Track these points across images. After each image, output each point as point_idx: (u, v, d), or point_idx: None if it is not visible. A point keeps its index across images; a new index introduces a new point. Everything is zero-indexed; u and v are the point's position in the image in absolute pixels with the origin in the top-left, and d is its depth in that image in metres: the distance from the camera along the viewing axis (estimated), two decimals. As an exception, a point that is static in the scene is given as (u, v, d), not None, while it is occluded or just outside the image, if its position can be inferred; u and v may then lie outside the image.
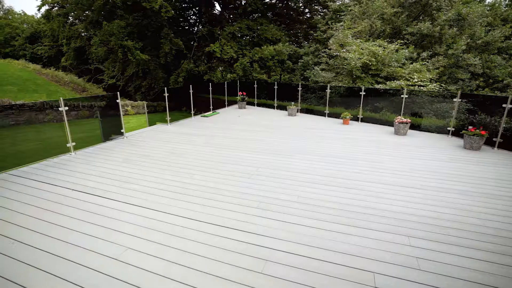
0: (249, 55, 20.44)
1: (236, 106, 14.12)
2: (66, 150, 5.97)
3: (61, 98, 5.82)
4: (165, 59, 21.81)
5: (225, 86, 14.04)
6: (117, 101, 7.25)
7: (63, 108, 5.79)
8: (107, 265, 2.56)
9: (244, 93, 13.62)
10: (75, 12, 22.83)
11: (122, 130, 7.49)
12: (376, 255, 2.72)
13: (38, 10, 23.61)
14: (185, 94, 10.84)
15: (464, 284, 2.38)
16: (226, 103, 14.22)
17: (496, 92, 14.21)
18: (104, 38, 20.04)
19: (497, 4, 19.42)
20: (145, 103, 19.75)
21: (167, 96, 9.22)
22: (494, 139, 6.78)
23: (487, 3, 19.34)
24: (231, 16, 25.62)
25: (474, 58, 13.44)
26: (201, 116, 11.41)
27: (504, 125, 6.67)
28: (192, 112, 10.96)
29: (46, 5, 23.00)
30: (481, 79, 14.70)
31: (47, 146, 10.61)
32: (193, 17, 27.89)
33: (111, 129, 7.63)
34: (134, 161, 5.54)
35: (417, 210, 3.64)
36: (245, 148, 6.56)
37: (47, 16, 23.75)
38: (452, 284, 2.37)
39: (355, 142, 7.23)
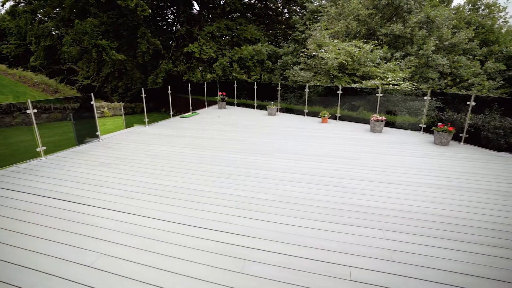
0: (228, 55, 20.36)
1: (216, 106, 14.03)
2: (36, 155, 5.67)
3: (29, 100, 5.52)
4: (142, 59, 21.26)
5: (205, 86, 13.91)
6: (91, 102, 6.98)
7: (31, 111, 5.49)
8: (80, 274, 2.47)
9: (224, 93, 13.56)
10: (44, 9, 21.69)
11: (97, 133, 7.22)
12: (352, 250, 2.81)
13: (2, 5, 22.17)
14: (164, 94, 10.63)
15: (433, 272, 2.51)
16: (206, 103, 14.09)
17: (462, 90, 15.06)
18: (76, 37, 19.21)
19: (461, 9, 20.62)
20: (122, 104, 19.14)
21: (145, 97, 9.00)
22: (460, 134, 7.18)
23: (452, 7, 20.46)
24: (210, 15, 25.39)
25: (442, 58, 14.18)
26: (181, 117, 11.23)
27: (469, 122, 7.08)
28: (171, 113, 10.77)
29: (11, 0, 21.66)
30: (449, 78, 15.52)
31: (14, 151, 10.02)
32: (171, 16, 27.38)
33: (86, 131, 7.34)
34: (110, 165, 5.36)
35: (392, 205, 3.79)
36: (225, 148, 6.54)
37: (12, 12, 22.35)
38: (421, 273, 2.49)
39: (333, 140, 7.41)
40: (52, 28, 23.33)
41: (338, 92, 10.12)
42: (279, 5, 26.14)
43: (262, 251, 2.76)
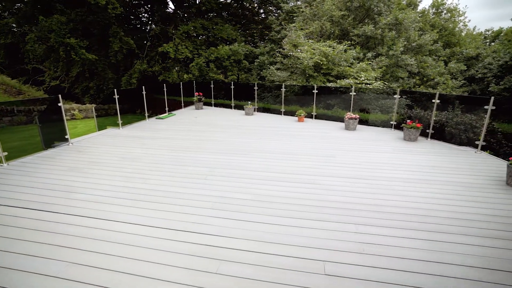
0: (204, 55, 20.12)
1: (193, 107, 13.83)
2: (-3, 161, 5.30)
3: (-13, 103, 5.13)
4: (115, 59, 20.47)
5: (181, 86, 13.67)
6: (59, 104, 6.63)
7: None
8: (47, 285, 2.34)
9: (201, 94, 13.40)
10: (3, 4, 20.26)
11: (66, 136, 6.88)
12: (326, 245, 2.89)
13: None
14: (139, 95, 10.31)
15: (401, 261, 2.64)
16: (182, 104, 13.85)
17: (429, 89, 15.94)
18: (42, 35, 18.12)
19: (426, 12, 21.82)
20: (93, 106, 18.34)
21: (118, 98, 8.69)
22: (427, 130, 7.60)
23: (418, 10, 21.58)
24: (186, 15, 24.96)
25: (411, 58, 14.91)
26: (156, 118, 10.96)
27: (434, 118, 7.51)
28: (146, 114, 10.47)
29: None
30: (417, 78, 16.36)
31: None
32: (145, 15, 26.60)
33: (54, 135, 6.96)
34: (81, 169, 5.13)
35: (364, 199, 3.94)
36: (201, 149, 6.48)
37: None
38: (391, 263, 2.61)
39: (309, 139, 7.56)
40: (14, 25, 21.85)
41: (313, 91, 10.33)
42: (255, 5, 26.23)
43: (237, 251, 2.77)
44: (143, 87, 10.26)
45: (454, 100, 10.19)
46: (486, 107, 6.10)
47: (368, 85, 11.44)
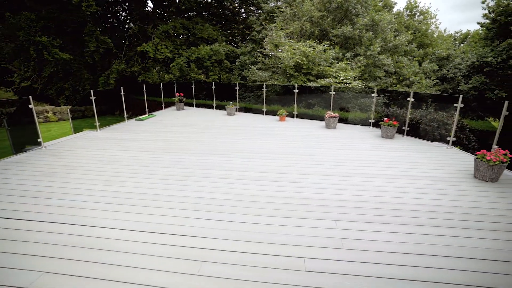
0: (185, 55, 19.84)
1: (174, 107, 13.62)
2: (-38, 168, 4.99)
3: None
4: (91, 58, 19.74)
5: (161, 87, 13.41)
6: (30, 106, 6.32)
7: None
8: (17, 295, 2.24)
9: (182, 94, 13.22)
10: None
11: (39, 140, 6.57)
12: (306, 242, 2.95)
13: None
14: (118, 96, 10.02)
15: (378, 254, 2.74)
16: (163, 105, 13.59)
17: (405, 88, 16.58)
18: (9, 33, 17.16)
19: (401, 14, 22.68)
20: (69, 108, 17.61)
21: (95, 99, 8.41)
22: (403, 128, 7.90)
23: (394, 12, 22.39)
24: (165, 14, 24.50)
25: (387, 58, 15.44)
26: (136, 120, 10.70)
27: (409, 116, 7.82)
28: (126, 115, 10.20)
29: None
30: (394, 77, 16.97)
31: None
32: (123, 13, 25.83)
33: (25, 139, 6.63)
34: (55, 174, 4.92)
35: (344, 196, 4.04)
36: (182, 150, 6.40)
37: None
38: (369, 257, 2.70)
39: (290, 138, 7.66)
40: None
41: (294, 90, 10.47)
42: (236, 5, 26.18)
43: (219, 251, 2.77)
44: (122, 87, 9.98)
45: (428, 98, 10.67)
46: (455, 105, 6.43)
47: (347, 85, 11.74)
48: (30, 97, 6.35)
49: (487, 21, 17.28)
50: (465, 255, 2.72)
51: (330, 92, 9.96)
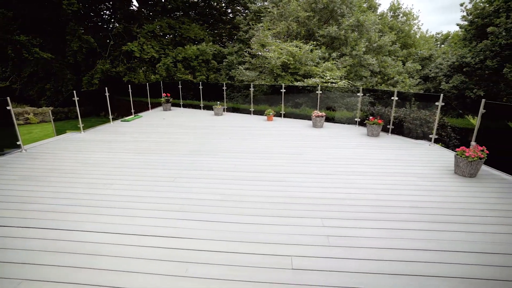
0: (172, 54, 19.61)
1: (160, 108, 13.44)
2: None
3: None
4: (74, 58, 19.21)
5: (147, 87, 13.21)
6: (8, 107, 6.09)
7: None
8: (-4, 304, 2.17)
9: (168, 95, 13.06)
10: None
11: (18, 143, 6.34)
12: (293, 240, 2.98)
13: None
14: (102, 97, 9.79)
15: (365, 250, 2.80)
16: (149, 105, 13.39)
17: (389, 87, 16.97)
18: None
19: (384, 15, 23.19)
20: (50, 109, 17.07)
21: (78, 100, 8.17)
22: (388, 126, 8.09)
23: (378, 13, 22.88)
24: (151, 13, 24.12)
25: (372, 58, 15.76)
26: (121, 121, 10.49)
27: (394, 114, 8.02)
28: (111, 117, 9.98)
29: None
30: (379, 77, 17.34)
31: None
32: (107, 12, 25.25)
33: (3, 141, 6.39)
34: (36, 178, 4.77)
35: (330, 194, 4.11)
36: (170, 151, 6.33)
37: None
38: (354, 253, 2.76)
39: (278, 137, 7.71)
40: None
41: (281, 90, 10.53)
42: (223, 4, 26.08)
43: (206, 252, 2.76)
44: (106, 88, 9.77)
45: (411, 97, 10.97)
46: (437, 103, 6.64)
47: (333, 84, 11.91)
48: (8, 98, 6.13)
49: (466, 23, 17.91)
50: (445, 248, 2.82)
51: (316, 92, 10.08)
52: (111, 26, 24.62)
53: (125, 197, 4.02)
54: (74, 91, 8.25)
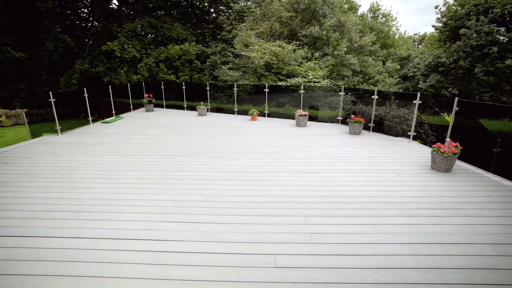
0: (154, 54, 19.24)
1: (143, 109, 13.15)
2: None
3: None
4: (49, 58, 18.46)
5: (129, 88, 12.89)
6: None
7: None
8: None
9: (151, 95, 12.80)
10: None
11: (-11, 147, 6.02)
12: (277, 239, 3.00)
13: None
14: (82, 98, 9.47)
15: (347, 246, 2.85)
16: (131, 106, 13.07)
17: (371, 86, 17.42)
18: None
19: (365, 16, 23.78)
20: (24, 111, 16.33)
21: (55, 101, 7.85)
22: (369, 124, 8.30)
23: (358, 14, 23.44)
24: (131, 12, 23.56)
25: (353, 58, 16.13)
26: (102, 123, 10.19)
27: (374, 113, 8.23)
28: (90, 118, 9.67)
29: None
30: (360, 76, 17.77)
31: None
32: (85, 10, 24.41)
33: (-27, 146, 6.05)
34: (8, 183, 4.55)
35: (313, 192, 4.16)
36: (152, 153, 6.21)
37: None
38: (337, 249, 2.81)
39: (262, 137, 7.74)
40: None
41: (265, 90, 10.57)
42: (206, 4, 25.85)
43: (188, 254, 2.73)
44: (85, 89, 9.45)
45: (391, 96, 11.30)
46: (414, 102, 6.88)
47: (316, 83, 12.08)
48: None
49: (440, 24, 18.67)
50: (423, 240, 2.93)
51: (300, 91, 10.19)
52: (89, 24, 23.83)
53: (105, 200, 3.91)
54: (50, 92, 7.92)
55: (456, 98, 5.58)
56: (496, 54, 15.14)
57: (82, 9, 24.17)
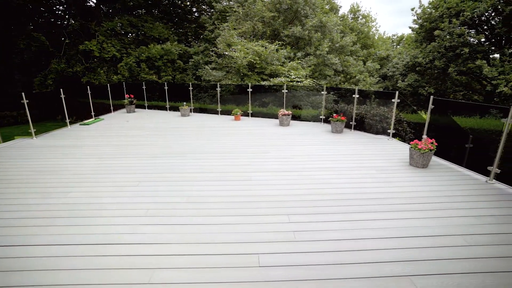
0: (134, 54, 18.79)
1: (124, 110, 12.82)
2: None
3: None
4: (21, 57, 17.60)
5: (109, 89, 12.53)
6: None
7: None
8: None
9: (132, 96, 12.50)
10: None
11: (-44, 152, 5.68)
12: (260, 238, 3.02)
13: None
14: (59, 99, 9.10)
15: (329, 243, 2.90)
16: (111, 107, 12.71)
17: (352, 85, 17.83)
18: None
19: (345, 17, 24.30)
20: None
21: (28, 103, 7.50)
22: (350, 123, 8.49)
23: (339, 14, 23.92)
24: (110, 10, 22.89)
25: (335, 58, 16.43)
26: (80, 125, 9.85)
27: (355, 111, 8.44)
28: (68, 120, 9.32)
29: None
30: (342, 75, 18.15)
31: None
32: (60, 7, 23.46)
33: None
34: (-22, 190, 4.30)
35: (296, 190, 4.21)
36: (134, 155, 6.07)
37: None
38: (320, 246, 2.85)
39: (245, 137, 7.75)
40: None
41: (248, 90, 10.58)
42: (188, 3, 25.52)
43: (171, 256, 2.70)
44: (61, 89, 9.09)
45: (371, 95, 11.61)
46: (393, 100, 7.10)
47: (299, 83, 12.22)
48: None
49: (416, 26, 19.38)
50: (402, 234, 3.04)
51: (283, 91, 10.28)
52: (65, 22, 22.94)
53: (84, 205, 3.78)
54: (23, 93, 7.56)
55: (432, 97, 5.82)
56: (468, 55, 15.91)
57: (57, 6, 23.24)
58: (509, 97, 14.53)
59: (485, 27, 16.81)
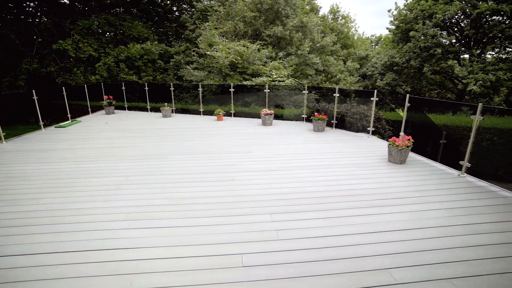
0: (113, 53, 18.21)
1: (103, 112, 12.40)
2: None
3: None
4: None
5: (86, 90, 12.07)
6: None
7: None
8: None
9: (111, 97, 12.12)
10: None
11: None
12: (243, 238, 3.01)
13: None
14: (31, 101, 8.66)
15: (311, 240, 2.94)
16: (89, 109, 12.26)
17: (333, 84, 18.18)
18: None
19: (326, 17, 24.76)
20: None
21: (-5, 105, 7.10)
22: (332, 121, 8.66)
23: (320, 15, 24.32)
24: (86, 8, 22.05)
25: (316, 58, 16.69)
26: (56, 127, 9.43)
27: (336, 110, 8.61)
28: (42, 123, 8.90)
29: None
30: (323, 75, 18.46)
31: None
32: (31, 4, 22.30)
33: None
34: None
35: (279, 189, 4.24)
36: (114, 157, 5.89)
37: None
38: (302, 244, 2.89)
39: (228, 137, 7.72)
40: None
41: (230, 90, 10.54)
42: (168, 2, 25.04)
43: (152, 260, 2.64)
44: (34, 91, 8.66)
45: (351, 93, 11.89)
46: (372, 99, 7.31)
47: (281, 83, 12.31)
48: None
49: (393, 27, 20.07)
50: (380, 229, 3.13)
51: (265, 90, 10.32)
52: (37, 20, 21.86)
53: (59, 211, 3.62)
54: (-9, 95, 7.14)
55: (408, 95, 6.04)
56: (440, 55, 16.66)
57: (28, 3, 22.09)
58: (478, 95, 15.35)
59: (456, 29, 17.67)
